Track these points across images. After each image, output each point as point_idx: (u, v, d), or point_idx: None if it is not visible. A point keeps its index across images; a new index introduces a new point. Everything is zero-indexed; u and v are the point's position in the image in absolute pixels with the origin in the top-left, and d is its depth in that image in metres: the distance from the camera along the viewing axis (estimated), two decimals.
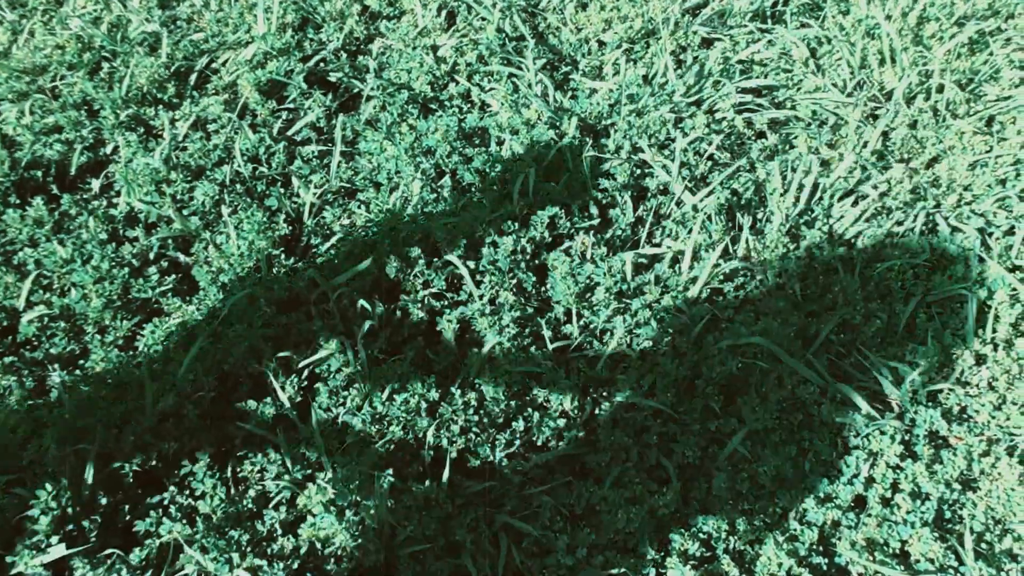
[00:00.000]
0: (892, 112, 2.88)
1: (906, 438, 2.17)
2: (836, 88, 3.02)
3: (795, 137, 2.88)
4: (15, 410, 2.09)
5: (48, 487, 1.89)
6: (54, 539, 1.86)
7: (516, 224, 2.48)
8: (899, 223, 2.62)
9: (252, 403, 2.15)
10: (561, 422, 2.16)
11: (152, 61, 2.90)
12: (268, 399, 2.16)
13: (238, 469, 2.08)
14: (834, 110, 2.97)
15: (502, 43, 3.09)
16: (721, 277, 2.43)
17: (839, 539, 2.02)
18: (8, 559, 1.83)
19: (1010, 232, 2.57)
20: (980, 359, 2.32)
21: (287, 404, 2.15)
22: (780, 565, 1.93)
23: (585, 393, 2.25)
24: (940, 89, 2.93)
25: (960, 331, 2.35)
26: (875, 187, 2.69)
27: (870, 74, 3.04)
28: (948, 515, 2.07)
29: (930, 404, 2.25)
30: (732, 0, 3.30)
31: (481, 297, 2.37)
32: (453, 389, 2.17)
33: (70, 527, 1.91)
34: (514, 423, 2.14)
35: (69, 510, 1.90)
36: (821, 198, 2.68)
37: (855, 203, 2.67)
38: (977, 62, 3.01)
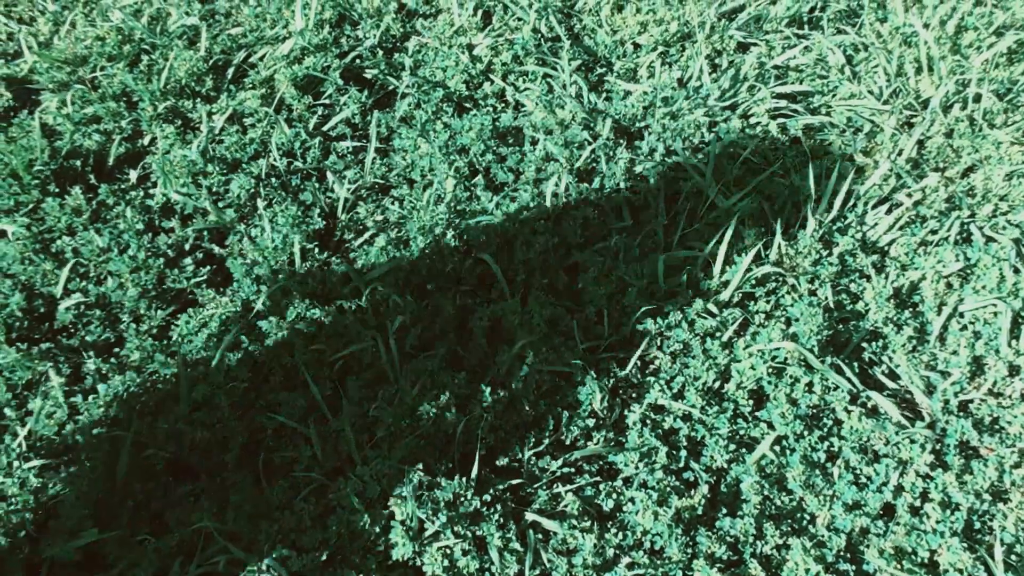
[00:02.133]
0: (928, 120, 2.86)
1: (936, 447, 2.16)
2: (872, 95, 3.00)
3: (830, 143, 2.87)
4: (51, 396, 2.12)
5: (83, 473, 1.93)
6: (87, 524, 1.89)
7: (549, 224, 2.48)
8: (933, 232, 2.60)
9: (284, 395, 2.17)
10: (590, 422, 2.16)
11: (191, 54, 2.94)
12: (299, 391, 2.18)
13: (269, 460, 2.10)
14: (870, 117, 2.95)
15: (537, 43, 3.10)
16: (753, 281, 2.43)
17: (867, 546, 2.01)
18: (43, 543, 1.86)
19: None
20: (1013, 370, 2.30)
21: (318, 397, 2.17)
22: (807, 571, 1.92)
23: (615, 393, 2.26)
24: (977, 98, 2.91)
25: (993, 341, 2.33)
26: (909, 195, 2.67)
27: (906, 82, 3.02)
28: (978, 526, 2.05)
29: (961, 414, 2.24)
30: (769, 5, 3.30)
31: (512, 296, 2.38)
32: (483, 386, 2.18)
33: (103, 512, 1.93)
34: (543, 422, 2.15)
35: (102, 496, 1.93)
36: (855, 205, 2.66)
37: (889, 211, 2.65)
38: (1016, 72, 2.99)
